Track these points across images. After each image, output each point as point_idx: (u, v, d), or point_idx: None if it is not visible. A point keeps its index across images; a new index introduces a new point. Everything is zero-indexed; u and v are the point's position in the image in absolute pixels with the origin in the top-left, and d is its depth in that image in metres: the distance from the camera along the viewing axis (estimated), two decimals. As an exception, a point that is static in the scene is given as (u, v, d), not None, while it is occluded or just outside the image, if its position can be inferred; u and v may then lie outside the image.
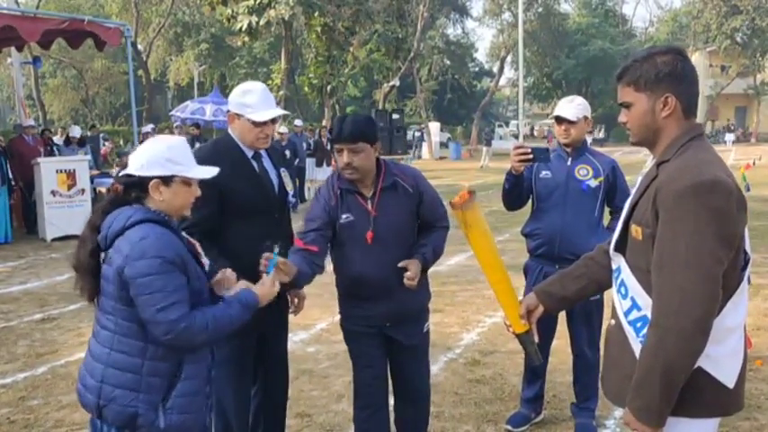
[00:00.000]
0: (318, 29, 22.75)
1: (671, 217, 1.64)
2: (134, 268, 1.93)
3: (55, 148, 12.19)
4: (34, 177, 10.01)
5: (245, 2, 20.73)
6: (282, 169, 2.94)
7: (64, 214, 9.56)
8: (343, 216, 2.70)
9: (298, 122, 16.90)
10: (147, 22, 35.17)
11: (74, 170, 10.04)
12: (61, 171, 9.94)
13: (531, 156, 3.12)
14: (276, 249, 2.32)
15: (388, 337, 2.85)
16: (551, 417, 3.71)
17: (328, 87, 24.41)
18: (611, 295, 1.93)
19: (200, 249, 2.23)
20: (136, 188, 2.06)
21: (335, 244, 2.76)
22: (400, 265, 2.67)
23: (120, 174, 2.11)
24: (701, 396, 1.70)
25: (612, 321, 1.89)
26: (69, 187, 9.92)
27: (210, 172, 2.19)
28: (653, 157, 1.83)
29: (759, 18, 37.11)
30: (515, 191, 3.36)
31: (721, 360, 1.70)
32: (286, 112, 3.06)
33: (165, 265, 1.95)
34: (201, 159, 2.42)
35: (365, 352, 2.87)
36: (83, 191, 10.06)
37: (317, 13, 21.88)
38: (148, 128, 15.61)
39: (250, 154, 2.78)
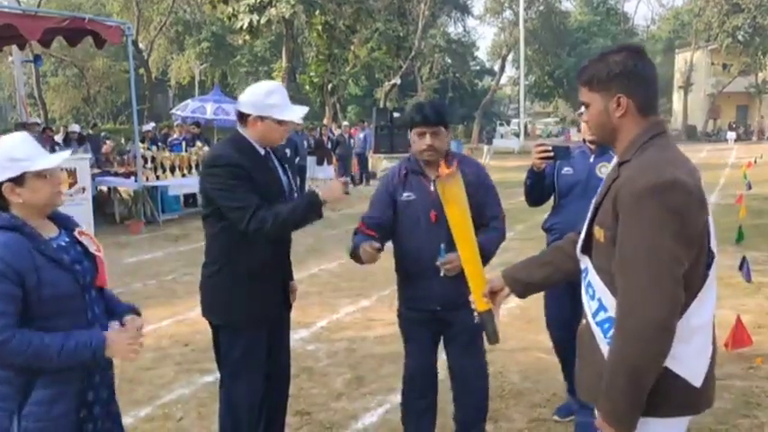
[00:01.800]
0: (319, 27, 22.77)
1: (630, 218, 1.62)
2: None
3: (56, 147, 12.20)
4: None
5: (245, 0, 20.74)
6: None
7: (64, 213, 9.56)
8: (404, 194, 2.88)
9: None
10: (148, 21, 35.20)
11: (74, 169, 10.03)
12: (62, 169, 9.92)
13: (551, 153, 3.16)
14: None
15: (442, 325, 2.95)
16: (551, 416, 3.70)
17: (329, 86, 24.44)
18: None
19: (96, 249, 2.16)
20: None
21: (396, 223, 2.89)
22: (439, 262, 2.71)
23: None
24: (668, 396, 1.68)
25: (583, 321, 1.88)
26: (70, 186, 9.89)
27: (57, 159, 2.12)
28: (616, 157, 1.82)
29: (761, 16, 37.02)
30: (537, 187, 3.43)
31: (687, 359, 1.67)
32: (307, 108, 3.18)
33: None
34: (232, 158, 2.62)
35: (420, 339, 3.01)
36: (83, 189, 10.05)
37: (317, 12, 21.91)
38: (149, 126, 15.64)
39: (262, 153, 2.82)
